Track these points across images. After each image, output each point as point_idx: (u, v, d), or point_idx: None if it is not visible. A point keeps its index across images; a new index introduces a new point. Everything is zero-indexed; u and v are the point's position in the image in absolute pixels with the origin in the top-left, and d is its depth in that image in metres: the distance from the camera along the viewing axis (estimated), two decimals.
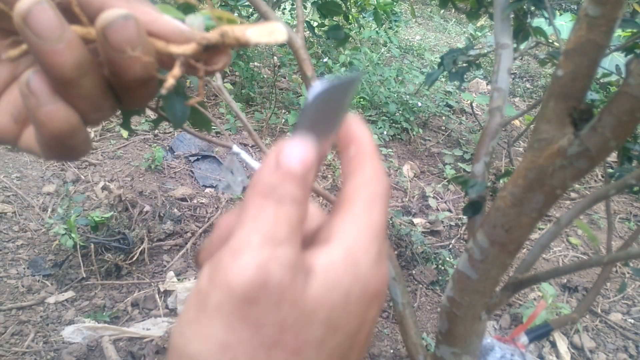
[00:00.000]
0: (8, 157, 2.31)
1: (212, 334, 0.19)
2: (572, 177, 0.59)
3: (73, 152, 0.26)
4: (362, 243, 0.21)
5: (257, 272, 0.19)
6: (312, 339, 0.19)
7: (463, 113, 3.48)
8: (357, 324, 0.21)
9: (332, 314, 0.20)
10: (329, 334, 0.20)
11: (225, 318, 0.19)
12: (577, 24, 0.55)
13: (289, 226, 0.20)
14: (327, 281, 0.20)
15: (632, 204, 2.73)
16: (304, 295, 0.20)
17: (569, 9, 4.29)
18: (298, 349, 0.19)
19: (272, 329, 0.19)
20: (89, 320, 1.63)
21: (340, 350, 0.21)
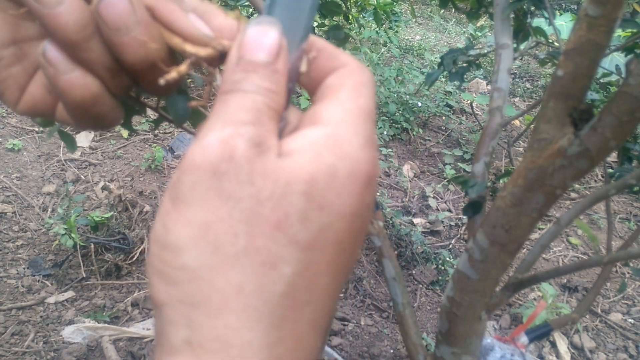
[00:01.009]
0: (8, 157, 2.31)
1: (191, 216, 0.18)
2: (572, 177, 0.59)
3: (102, 120, 0.26)
4: (349, 125, 0.20)
5: (220, 145, 0.18)
6: (293, 211, 0.18)
7: (463, 113, 3.48)
8: (352, 207, 0.20)
9: (313, 187, 0.19)
10: (314, 209, 0.19)
11: (200, 197, 0.18)
12: (577, 24, 0.55)
13: (254, 111, 0.19)
14: (305, 156, 0.19)
15: (632, 204, 2.73)
16: (277, 167, 0.19)
17: (569, 9, 4.29)
18: (279, 221, 0.18)
19: (248, 201, 0.18)
20: (89, 320, 1.63)
21: (334, 231, 0.19)
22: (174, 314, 0.18)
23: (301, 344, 0.19)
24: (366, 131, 0.21)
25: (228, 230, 0.18)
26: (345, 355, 1.65)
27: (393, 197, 2.51)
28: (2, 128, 2.47)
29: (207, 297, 0.18)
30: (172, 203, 0.19)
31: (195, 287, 0.18)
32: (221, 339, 0.17)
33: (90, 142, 2.55)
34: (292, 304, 0.18)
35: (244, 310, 0.18)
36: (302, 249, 0.18)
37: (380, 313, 1.87)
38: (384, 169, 2.68)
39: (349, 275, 0.20)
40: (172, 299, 0.18)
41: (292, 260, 0.18)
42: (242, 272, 0.18)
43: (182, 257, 0.18)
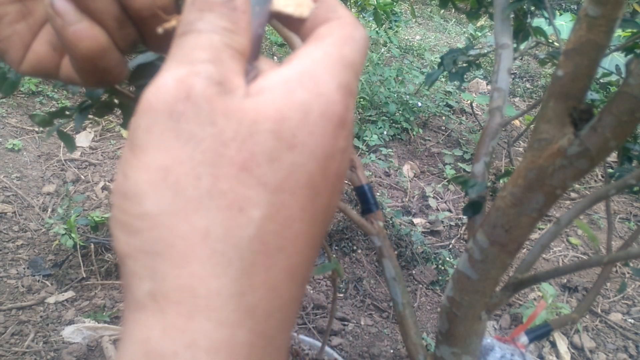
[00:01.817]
0: (8, 157, 2.31)
1: (149, 161, 0.17)
2: (572, 177, 0.59)
3: (108, 74, 0.25)
4: (327, 66, 0.19)
5: (176, 85, 0.17)
6: (260, 150, 0.17)
7: (463, 113, 3.48)
8: (326, 148, 0.18)
9: (282, 125, 0.17)
10: (284, 148, 0.17)
11: (157, 140, 0.17)
12: (577, 24, 0.55)
13: (211, 50, 0.18)
14: (275, 92, 0.18)
15: (632, 204, 2.73)
16: (242, 106, 0.17)
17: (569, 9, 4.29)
18: (246, 162, 0.17)
19: (210, 142, 0.17)
20: (89, 320, 1.63)
21: (306, 173, 0.18)
22: (136, 266, 0.17)
23: (276, 292, 0.18)
24: (345, 77, 0.19)
25: (189, 173, 0.17)
26: (345, 355, 1.65)
27: (393, 197, 2.51)
28: (2, 128, 2.47)
29: (170, 245, 0.16)
30: (131, 150, 0.17)
31: (156, 234, 0.16)
32: (186, 289, 0.16)
33: (90, 142, 2.55)
34: (264, 249, 0.17)
35: (210, 256, 0.16)
36: (272, 190, 0.17)
37: (380, 313, 1.87)
38: (384, 169, 2.68)
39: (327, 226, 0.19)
40: (133, 249, 0.17)
41: (261, 202, 0.17)
42: (206, 216, 0.16)
43: (141, 204, 0.17)
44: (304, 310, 1.78)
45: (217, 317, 0.16)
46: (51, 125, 0.72)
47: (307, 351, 1.45)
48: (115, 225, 0.18)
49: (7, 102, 2.61)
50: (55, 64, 0.27)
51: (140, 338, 0.16)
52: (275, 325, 0.18)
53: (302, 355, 1.43)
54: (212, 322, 0.16)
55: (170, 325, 0.16)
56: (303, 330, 1.71)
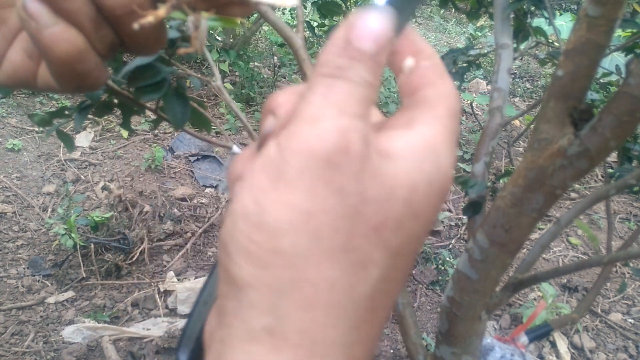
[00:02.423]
0: (8, 157, 2.31)
1: (295, 201, 0.17)
2: (572, 177, 0.59)
3: (87, 79, 0.25)
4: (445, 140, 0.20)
5: (339, 136, 0.17)
6: (392, 217, 0.18)
7: (463, 113, 3.48)
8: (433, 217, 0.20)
9: (413, 195, 0.18)
10: (410, 217, 0.18)
11: (309, 184, 0.17)
12: (577, 24, 0.55)
13: (361, 104, 0.18)
14: (408, 162, 0.19)
15: (632, 204, 2.73)
16: (383, 170, 0.18)
17: (569, 9, 4.29)
18: (379, 225, 0.18)
19: (355, 198, 0.17)
20: (89, 320, 1.63)
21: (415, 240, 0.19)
22: (258, 298, 0.17)
23: (370, 346, 0.19)
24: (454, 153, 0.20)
25: (331, 224, 0.17)
26: None
27: None
28: (2, 128, 2.47)
29: (298, 287, 0.17)
30: (271, 182, 0.17)
31: (287, 274, 0.17)
32: (306, 334, 0.17)
33: (90, 142, 2.55)
34: (372, 306, 0.18)
35: (332, 307, 0.17)
36: (392, 254, 0.18)
37: None
38: None
39: None
40: (258, 281, 0.17)
41: (381, 264, 0.18)
42: (336, 268, 0.17)
43: (278, 241, 0.17)
44: None
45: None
46: (50, 125, 0.72)
47: None
48: (240, 252, 0.18)
49: (7, 102, 2.61)
50: (32, 72, 0.26)
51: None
52: None
53: None
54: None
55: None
56: None
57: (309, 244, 0.17)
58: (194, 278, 1.86)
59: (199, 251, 2.01)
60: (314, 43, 3.57)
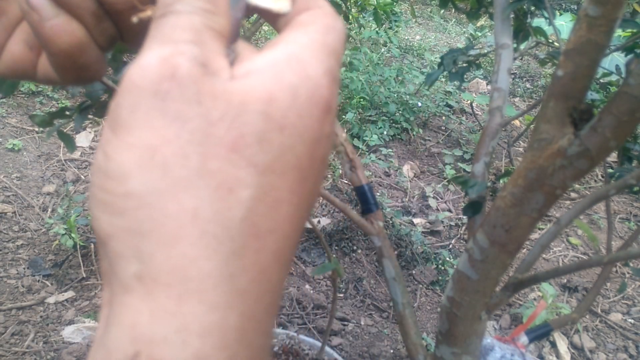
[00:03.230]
0: (8, 157, 2.31)
1: (134, 140, 0.16)
2: (572, 177, 0.59)
3: (87, 71, 0.25)
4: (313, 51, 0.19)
5: (160, 64, 0.17)
6: (250, 131, 0.17)
7: (463, 113, 3.48)
8: (313, 132, 0.18)
9: (272, 106, 0.17)
10: (273, 130, 0.17)
11: (143, 119, 0.16)
12: (577, 24, 0.55)
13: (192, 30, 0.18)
14: (264, 74, 0.18)
15: (632, 204, 2.73)
16: (230, 88, 0.17)
17: (569, 9, 4.29)
18: (235, 142, 0.17)
19: (198, 122, 0.16)
20: (89, 320, 1.63)
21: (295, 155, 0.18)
22: (121, 246, 0.16)
23: (265, 275, 0.17)
24: (330, 64, 0.19)
25: (177, 152, 0.16)
26: (345, 355, 1.65)
27: (393, 197, 2.51)
28: (2, 128, 2.47)
29: (158, 225, 0.16)
30: (112, 130, 0.17)
31: (144, 214, 0.16)
32: (177, 271, 0.16)
33: (90, 142, 2.55)
34: (253, 231, 0.17)
35: (200, 237, 0.16)
36: (262, 172, 0.17)
37: (380, 313, 1.87)
38: (384, 169, 2.68)
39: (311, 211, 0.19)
40: (118, 229, 0.16)
41: (251, 183, 0.17)
42: (196, 196, 0.16)
43: (127, 183, 0.16)
44: (304, 310, 1.78)
45: (208, 299, 0.16)
46: (51, 125, 0.72)
47: (307, 351, 1.45)
48: (96, 205, 0.17)
49: (7, 102, 2.61)
50: (31, 64, 0.26)
51: (127, 322, 0.16)
52: (264, 309, 0.17)
53: (302, 355, 1.43)
54: (204, 305, 0.16)
55: (159, 308, 0.15)
56: (303, 330, 1.71)
57: (159, 178, 0.16)
58: None
59: None
60: None
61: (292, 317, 1.76)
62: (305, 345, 1.46)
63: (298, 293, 1.84)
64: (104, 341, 0.16)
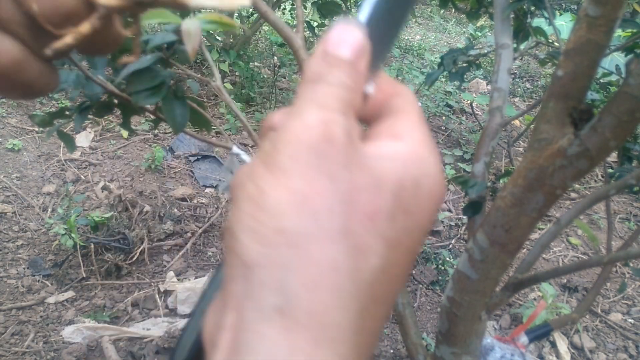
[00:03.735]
0: (8, 157, 2.31)
1: (290, 184, 0.18)
2: (572, 177, 0.59)
3: (31, 88, 0.23)
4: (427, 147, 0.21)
5: (322, 126, 0.19)
6: (384, 207, 0.19)
7: (463, 113, 3.48)
8: (427, 221, 0.21)
9: (402, 192, 0.19)
10: (401, 212, 0.19)
11: (301, 169, 0.18)
12: (577, 24, 0.55)
13: (341, 103, 0.20)
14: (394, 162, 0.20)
15: (632, 204, 2.73)
16: (371, 164, 0.19)
17: (569, 9, 4.29)
18: (372, 214, 0.18)
19: (346, 185, 0.18)
20: (89, 320, 1.63)
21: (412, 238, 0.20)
22: (267, 276, 0.17)
23: (372, 340, 0.19)
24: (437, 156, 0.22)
25: (326, 206, 0.18)
26: None
27: None
28: (2, 128, 2.47)
29: (303, 266, 0.17)
30: (268, 169, 0.19)
31: (292, 252, 0.17)
32: (315, 315, 0.17)
33: (90, 142, 2.55)
34: (374, 297, 0.18)
35: (337, 289, 0.17)
36: (388, 246, 0.19)
37: None
38: None
39: None
40: (266, 259, 0.17)
41: (380, 253, 0.18)
42: (338, 250, 0.17)
43: (280, 220, 0.18)
44: None
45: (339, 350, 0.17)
46: (51, 125, 0.72)
47: None
48: (245, 231, 0.18)
49: (7, 102, 2.61)
50: None
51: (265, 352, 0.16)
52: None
53: None
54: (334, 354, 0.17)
55: (297, 348, 0.16)
56: None
57: (309, 224, 0.17)
58: (194, 278, 1.86)
59: (199, 251, 2.01)
60: (314, 43, 3.57)
61: None
62: None
63: None
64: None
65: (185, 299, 1.73)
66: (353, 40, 0.21)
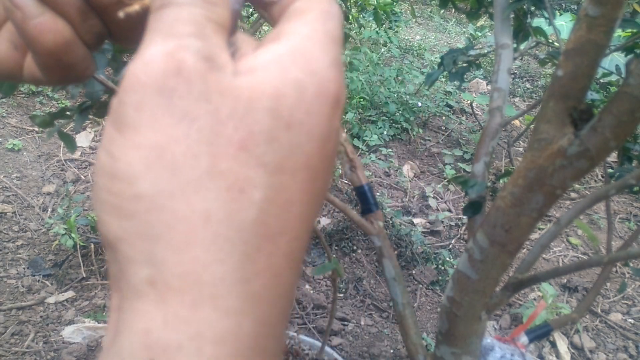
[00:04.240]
0: (8, 157, 2.31)
1: (141, 140, 0.16)
2: (572, 177, 0.59)
3: (74, 70, 0.24)
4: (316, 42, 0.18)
5: (165, 59, 0.16)
6: (258, 129, 0.16)
7: (463, 113, 3.48)
8: (322, 128, 0.18)
9: (279, 104, 0.17)
10: (282, 127, 0.17)
11: (149, 118, 0.16)
12: (577, 24, 0.55)
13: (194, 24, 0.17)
14: (269, 71, 0.17)
15: (632, 204, 2.73)
16: (237, 84, 0.17)
17: (569, 9, 4.29)
18: (244, 141, 0.16)
19: (206, 120, 0.16)
20: (89, 320, 1.63)
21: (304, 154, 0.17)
22: (131, 250, 0.16)
23: (278, 279, 0.17)
24: (334, 52, 0.18)
25: (186, 152, 0.16)
26: (345, 355, 1.65)
27: (393, 197, 2.51)
28: (2, 128, 2.47)
29: (169, 228, 0.15)
30: (117, 129, 0.16)
31: (154, 217, 0.16)
32: (189, 275, 0.15)
33: (91, 142, 2.55)
34: (266, 233, 0.16)
35: (213, 241, 0.16)
36: (272, 171, 0.16)
37: (380, 313, 1.87)
38: (384, 169, 2.68)
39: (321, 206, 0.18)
40: (128, 233, 0.16)
41: (262, 184, 0.16)
42: (207, 198, 0.16)
43: (136, 185, 0.16)
44: (304, 310, 1.78)
45: (222, 305, 0.15)
46: (52, 126, 0.72)
47: (307, 351, 1.45)
48: (103, 208, 0.16)
49: (7, 102, 2.61)
50: (18, 64, 0.25)
51: (139, 329, 0.15)
52: (277, 314, 0.17)
53: (302, 355, 1.43)
54: (218, 311, 0.15)
55: (173, 314, 0.15)
56: (303, 330, 1.71)
57: (169, 179, 0.16)
58: None
59: None
60: None
61: (292, 317, 1.76)
62: (305, 345, 1.46)
63: (298, 293, 1.84)
64: (116, 348, 0.16)
65: None
66: None
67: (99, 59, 0.68)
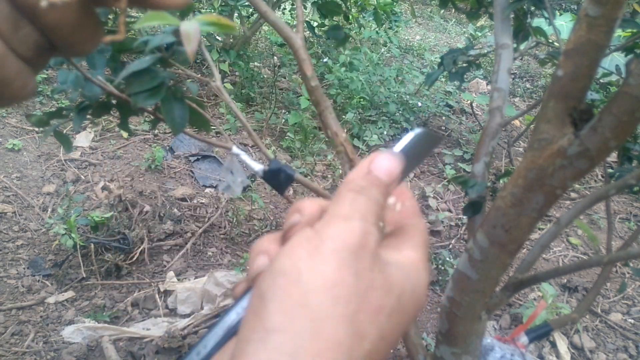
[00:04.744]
0: (8, 157, 2.31)
1: (326, 271, 0.23)
2: (572, 177, 0.59)
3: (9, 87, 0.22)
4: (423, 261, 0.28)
5: (362, 235, 0.24)
6: (387, 305, 0.24)
7: (463, 113, 3.48)
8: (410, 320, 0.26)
9: (402, 295, 0.25)
10: (398, 311, 0.24)
11: (338, 262, 0.23)
12: (577, 24, 0.55)
13: (375, 216, 0.25)
14: (401, 270, 0.26)
15: (632, 204, 2.73)
16: (388, 271, 0.25)
17: (569, 9, 4.29)
18: (378, 309, 0.23)
19: (366, 282, 0.23)
20: (89, 320, 1.63)
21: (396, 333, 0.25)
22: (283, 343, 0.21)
23: None
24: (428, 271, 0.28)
25: (347, 296, 0.22)
26: None
27: None
28: (2, 128, 2.47)
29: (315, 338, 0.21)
30: (309, 254, 0.23)
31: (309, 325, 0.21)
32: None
33: (90, 142, 2.55)
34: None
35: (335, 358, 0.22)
36: (381, 337, 0.23)
37: None
38: None
39: None
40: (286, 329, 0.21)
41: (372, 341, 0.23)
42: (345, 332, 0.22)
43: (308, 297, 0.22)
44: None
45: None
46: (48, 125, 0.72)
47: None
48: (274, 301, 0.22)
49: None
50: None
51: None
52: None
53: None
54: None
55: None
56: None
57: (330, 305, 0.22)
58: (194, 278, 1.85)
59: (199, 251, 2.01)
60: (314, 43, 3.57)
61: None
62: None
63: None
64: None
65: (185, 299, 1.73)
66: (391, 167, 0.27)
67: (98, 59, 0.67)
